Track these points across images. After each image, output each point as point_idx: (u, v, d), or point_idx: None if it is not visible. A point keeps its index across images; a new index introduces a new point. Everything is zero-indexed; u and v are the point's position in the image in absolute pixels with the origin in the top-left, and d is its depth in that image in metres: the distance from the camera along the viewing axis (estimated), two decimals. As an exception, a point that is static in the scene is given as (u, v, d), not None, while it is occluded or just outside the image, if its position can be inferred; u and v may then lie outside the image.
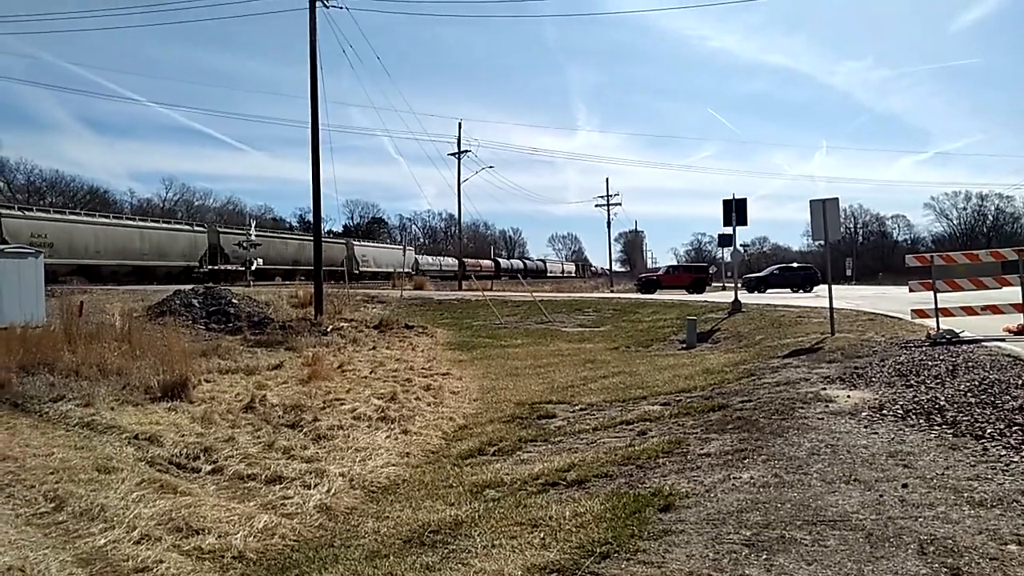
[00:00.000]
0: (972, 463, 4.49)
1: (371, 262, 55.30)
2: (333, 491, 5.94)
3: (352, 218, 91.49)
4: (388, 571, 3.89)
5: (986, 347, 8.89)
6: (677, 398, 8.37)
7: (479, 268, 68.76)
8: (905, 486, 4.14)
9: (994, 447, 4.76)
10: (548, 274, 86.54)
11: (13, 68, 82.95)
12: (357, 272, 50.65)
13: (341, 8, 21.72)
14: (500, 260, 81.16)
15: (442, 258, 72.26)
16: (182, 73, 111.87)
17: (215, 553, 4.65)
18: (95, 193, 64.76)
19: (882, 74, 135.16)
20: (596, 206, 63.70)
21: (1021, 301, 10.01)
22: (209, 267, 40.02)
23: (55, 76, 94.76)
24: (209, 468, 6.66)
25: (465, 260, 70.11)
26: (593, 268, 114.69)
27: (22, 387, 9.08)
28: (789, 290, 35.61)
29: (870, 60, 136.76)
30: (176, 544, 4.74)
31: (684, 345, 15.40)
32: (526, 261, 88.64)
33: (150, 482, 5.94)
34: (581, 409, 8.58)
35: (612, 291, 45.28)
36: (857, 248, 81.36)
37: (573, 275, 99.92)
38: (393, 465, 6.82)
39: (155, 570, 4.30)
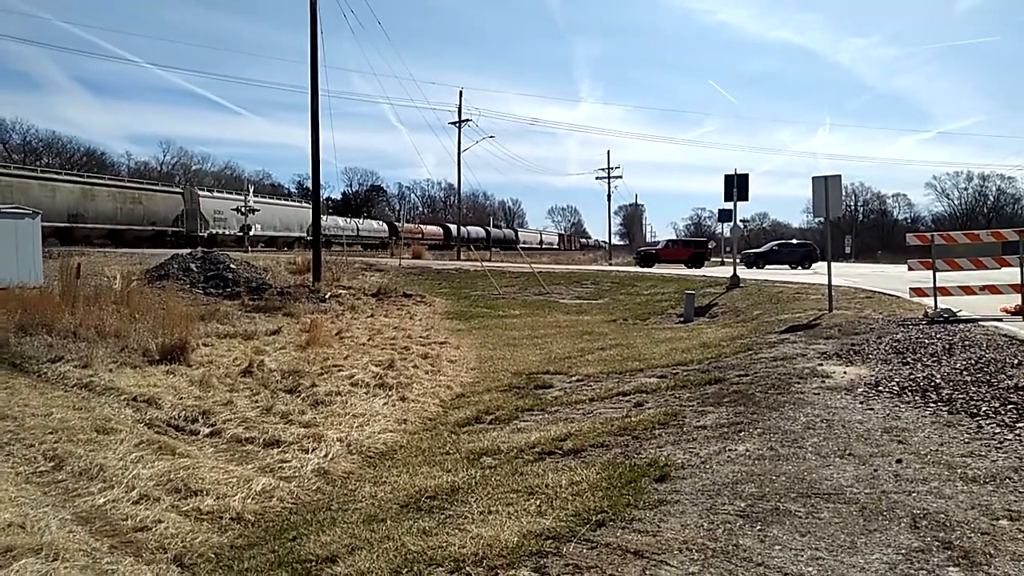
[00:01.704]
0: (966, 440, 4.53)
1: (231, 222, 39.75)
2: (331, 456, 5.98)
3: (351, 185, 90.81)
4: (385, 534, 3.92)
5: (983, 327, 8.91)
6: (674, 371, 8.40)
7: (420, 235, 57.80)
8: (899, 461, 4.18)
9: (988, 425, 4.79)
10: (521, 244, 69.69)
11: (10, 26, 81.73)
12: (204, 235, 36.93)
13: (342, -30, 21.31)
14: (450, 226, 66.74)
15: (360, 220, 57.91)
16: (180, 35, 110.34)
17: (213, 514, 4.69)
18: (92, 155, 64.29)
19: (888, 52, 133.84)
20: (597, 179, 63.24)
21: (1020, 282, 10.01)
22: None
23: (52, 35, 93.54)
24: (207, 431, 6.70)
25: (396, 224, 59.85)
26: (584, 240, 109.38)
27: (20, 347, 9.08)
28: (788, 266, 35.61)
29: (877, 38, 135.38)
30: (175, 505, 4.78)
31: (682, 319, 15.43)
32: (489, 229, 73.50)
33: (148, 443, 5.97)
34: (578, 380, 8.61)
35: (611, 264, 45.27)
36: (857, 226, 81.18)
37: (556, 247, 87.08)
38: (390, 431, 6.86)
39: (154, 530, 4.34)
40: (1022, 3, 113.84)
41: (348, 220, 55.81)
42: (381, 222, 60.72)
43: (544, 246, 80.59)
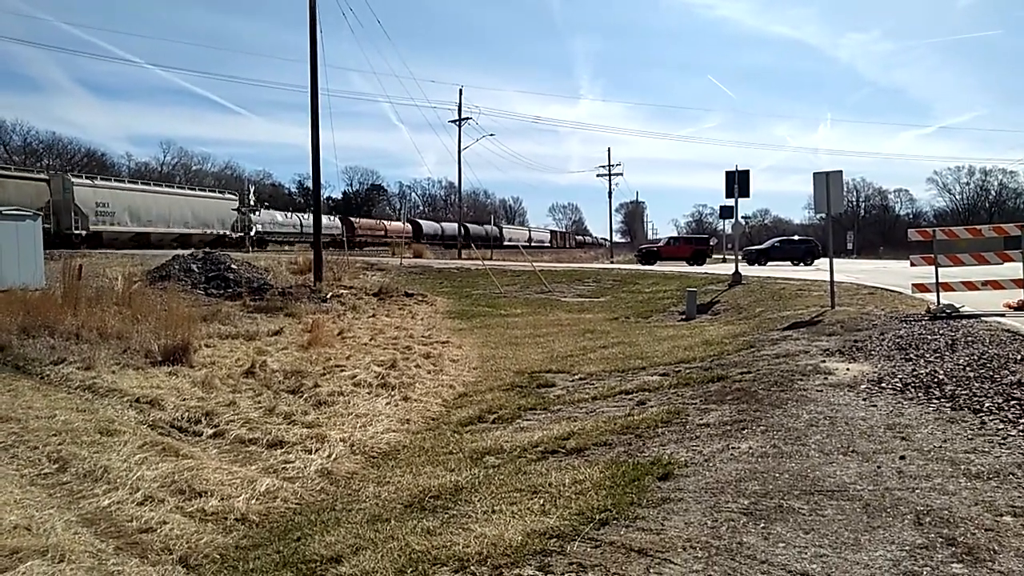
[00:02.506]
0: (970, 436, 4.53)
1: (121, 216, 32.82)
2: (334, 456, 6.00)
3: (351, 185, 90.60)
4: (389, 534, 3.93)
5: (986, 322, 8.89)
6: (676, 369, 8.40)
7: (382, 232, 51.95)
8: (903, 458, 4.18)
9: (992, 421, 4.79)
10: (506, 243, 62.73)
11: (10, 28, 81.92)
12: (82, 233, 30.51)
13: (341, -31, 21.28)
14: (421, 222, 61.61)
15: (304, 215, 47.36)
16: (180, 35, 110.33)
17: (218, 515, 4.70)
18: (92, 156, 64.22)
19: (888, 47, 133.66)
20: (597, 176, 63.12)
21: (1022, 276, 10.00)
22: None
23: (52, 36, 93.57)
24: (211, 432, 6.71)
25: (352, 220, 53.62)
26: (581, 237, 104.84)
27: (23, 349, 9.10)
28: (790, 263, 35.57)
29: (876, 32, 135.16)
30: (179, 506, 4.79)
31: (684, 316, 15.42)
32: (468, 226, 64.26)
33: (152, 445, 5.99)
34: (580, 378, 8.62)
35: (612, 262, 45.27)
36: (859, 222, 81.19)
37: (548, 244, 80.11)
38: (393, 431, 6.87)
39: (159, 531, 4.36)
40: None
41: (288, 215, 48.21)
42: (332, 217, 51.98)
43: (534, 244, 70.67)
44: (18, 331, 9.79)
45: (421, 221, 64.06)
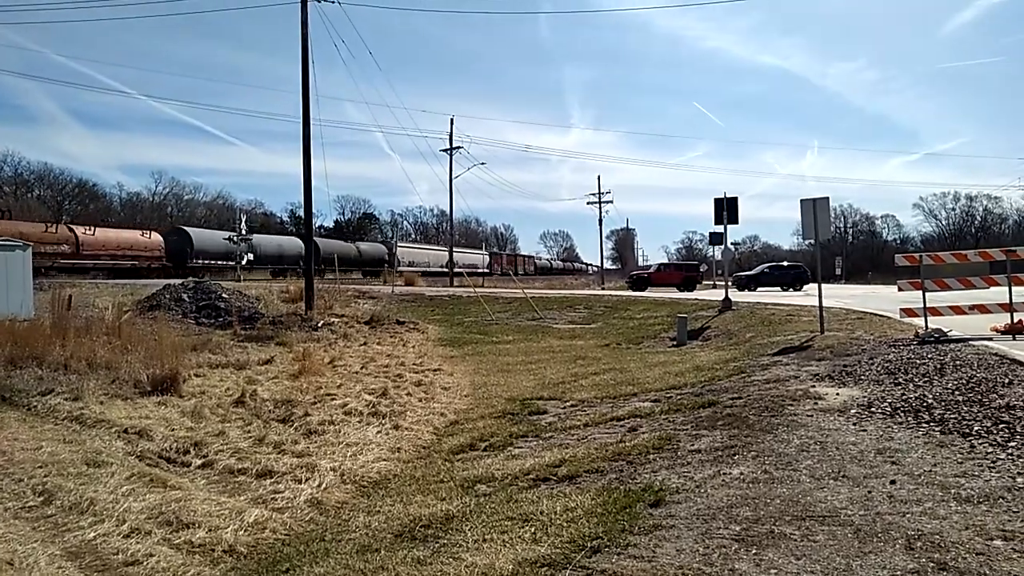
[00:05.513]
0: (959, 460, 4.54)
1: None
2: (324, 485, 5.94)
3: (343, 213, 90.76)
4: (379, 565, 3.89)
5: (974, 346, 8.96)
6: (668, 395, 8.40)
7: (71, 248, 32.12)
8: (893, 482, 4.18)
9: (981, 444, 4.81)
10: (403, 268, 45.60)
11: (5, 60, 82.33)
12: None
13: (333, 2, 21.57)
14: (191, 230, 40.92)
15: None
16: (173, 66, 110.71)
17: (205, 547, 4.64)
18: (83, 186, 64.16)
19: (874, 75, 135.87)
20: (588, 203, 63.33)
21: (1008, 301, 10.10)
22: None
23: (44, 67, 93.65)
24: (199, 462, 6.64)
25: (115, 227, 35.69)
26: (559, 262, 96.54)
27: (10, 380, 9.01)
28: (779, 288, 35.79)
29: (862, 61, 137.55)
30: (166, 538, 4.72)
31: (675, 342, 15.44)
32: (319, 241, 45.73)
33: (140, 476, 5.91)
34: (572, 405, 8.60)
35: (603, 288, 45.38)
36: (847, 247, 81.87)
37: (487, 270, 58.20)
38: (384, 460, 6.82)
39: (145, 564, 4.29)
40: (1004, 25, 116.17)
41: None
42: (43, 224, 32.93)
43: (462, 268, 49.54)
44: (5, 362, 9.71)
45: (191, 229, 41.62)
